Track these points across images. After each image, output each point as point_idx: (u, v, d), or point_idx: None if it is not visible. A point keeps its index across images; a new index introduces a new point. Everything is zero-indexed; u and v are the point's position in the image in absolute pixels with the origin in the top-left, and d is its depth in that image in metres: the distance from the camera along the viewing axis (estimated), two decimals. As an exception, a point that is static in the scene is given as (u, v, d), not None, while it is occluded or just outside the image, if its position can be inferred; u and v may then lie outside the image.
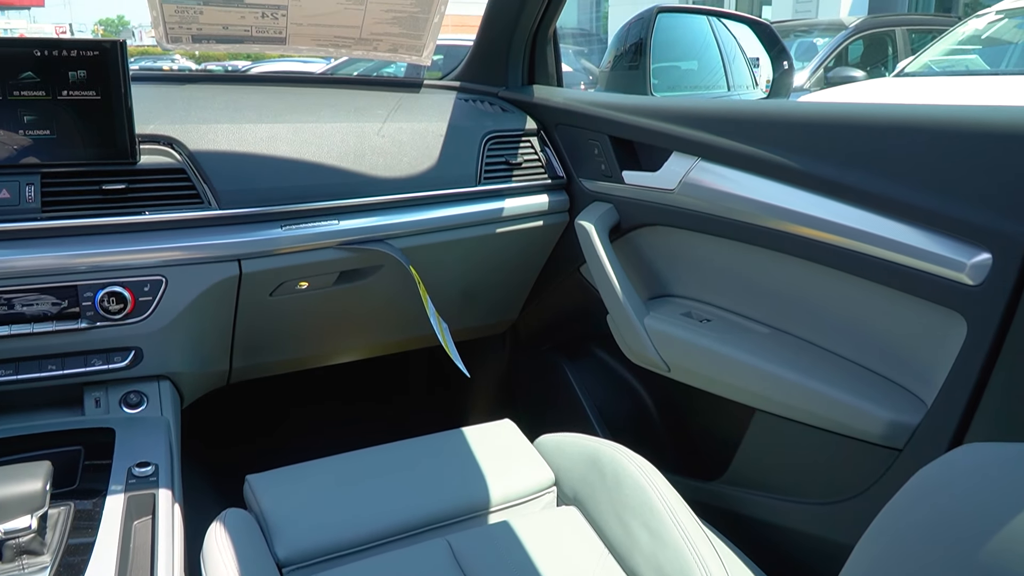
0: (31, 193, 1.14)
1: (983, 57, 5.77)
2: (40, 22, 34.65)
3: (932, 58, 5.99)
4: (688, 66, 1.99)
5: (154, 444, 1.18)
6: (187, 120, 1.28)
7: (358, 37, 1.61)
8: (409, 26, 1.60)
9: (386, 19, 1.58)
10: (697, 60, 1.94)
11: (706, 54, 1.94)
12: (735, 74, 1.93)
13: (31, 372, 1.18)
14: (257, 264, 1.27)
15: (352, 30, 1.59)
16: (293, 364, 1.58)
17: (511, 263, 1.62)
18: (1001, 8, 5.85)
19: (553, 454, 1.25)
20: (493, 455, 1.25)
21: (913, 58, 6.16)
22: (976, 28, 5.94)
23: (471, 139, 1.48)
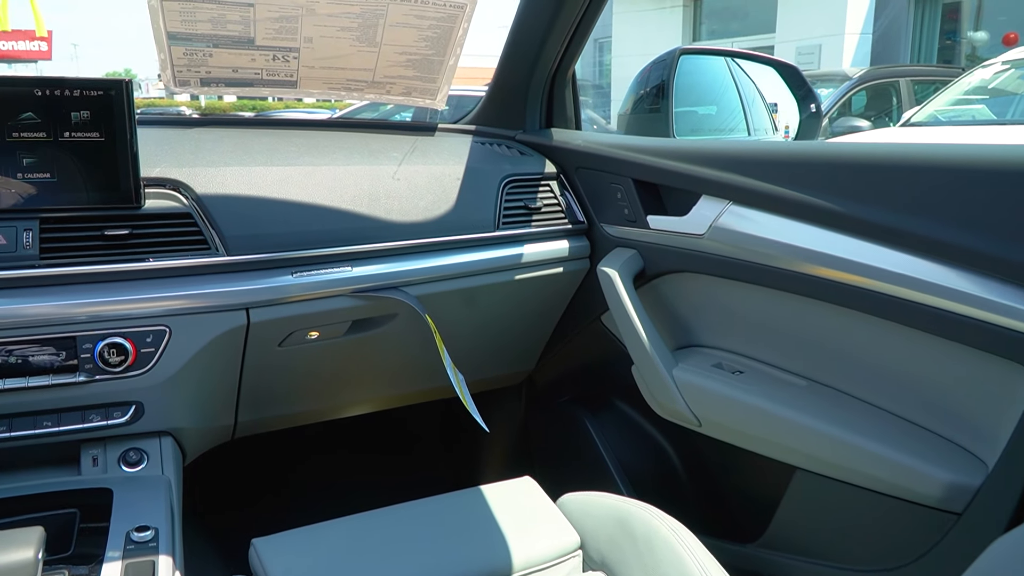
0: (29, 239, 1.08)
1: (990, 107, 5.78)
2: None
3: (938, 108, 6.01)
4: (706, 111, 1.95)
5: (154, 506, 1.10)
6: (195, 163, 1.23)
7: (371, 80, 1.58)
8: (423, 69, 1.57)
9: (400, 62, 1.55)
10: (716, 104, 1.90)
11: (725, 98, 1.89)
12: (755, 118, 1.88)
13: (25, 429, 1.11)
14: (266, 313, 1.20)
15: (365, 73, 1.55)
16: (301, 418, 1.50)
17: (529, 311, 1.55)
18: (1007, 59, 5.88)
19: (578, 515, 1.16)
20: (514, 515, 1.17)
21: (919, 108, 6.18)
22: (983, 79, 5.97)
23: (489, 183, 1.43)
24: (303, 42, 1.46)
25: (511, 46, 1.59)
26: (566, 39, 1.51)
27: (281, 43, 1.45)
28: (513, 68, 1.61)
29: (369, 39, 1.49)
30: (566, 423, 1.69)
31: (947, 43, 11.48)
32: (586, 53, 11.57)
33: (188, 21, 1.37)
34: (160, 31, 1.36)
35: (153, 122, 1.45)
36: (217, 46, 1.42)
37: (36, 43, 16.48)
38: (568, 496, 1.21)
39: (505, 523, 1.16)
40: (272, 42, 1.44)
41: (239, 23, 1.39)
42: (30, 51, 16.36)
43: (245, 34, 1.41)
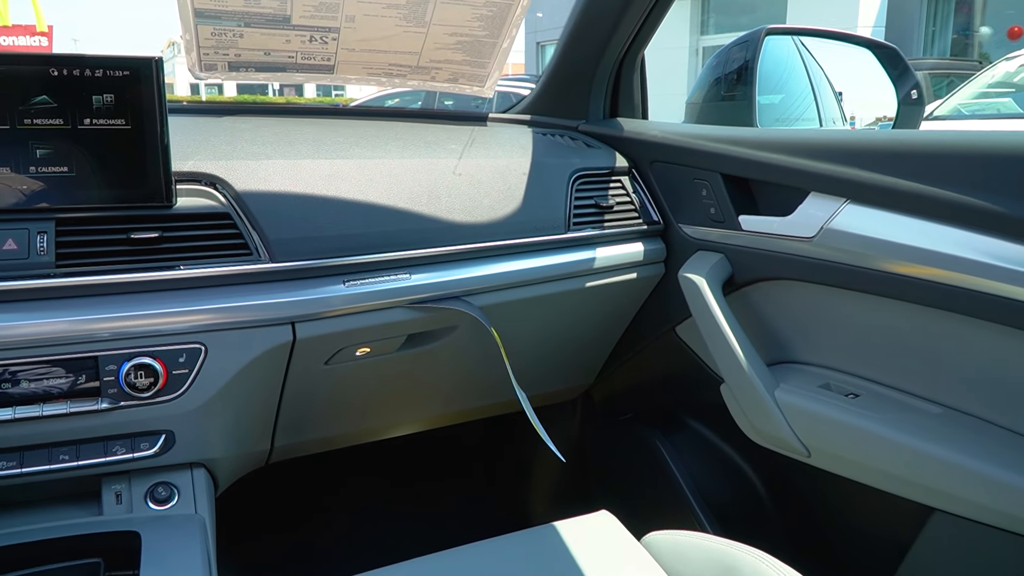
0: (43, 243, 0.93)
1: (1017, 101, 5.63)
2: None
3: (961, 102, 5.87)
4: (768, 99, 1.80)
5: (189, 555, 0.95)
6: (233, 155, 1.07)
7: (415, 65, 1.42)
8: (474, 52, 1.41)
9: (449, 44, 1.39)
10: (782, 92, 1.75)
11: (791, 84, 1.74)
12: (825, 107, 1.73)
13: (39, 464, 0.96)
14: (313, 328, 1.05)
15: (409, 57, 1.40)
16: (343, 440, 1.35)
17: (597, 321, 1.40)
18: (1034, 52, 5.74)
19: (670, 558, 1.01)
20: (596, 560, 1.02)
21: (942, 102, 6.04)
22: (1007, 72, 5.82)
23: (557, 178, 1.27)
24: (344, 21, 1.31)
25: (577, 28, 1.42)
26: (640, 19, 1.35)
27: (320, 22, 1.30)
28: (578, 52, 1.45)
29: (418, 18, 1.33)
30: (632, 444, 1.53)
31: (959, 37, 11.35)
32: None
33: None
34: (186, 8, 1.21)
35: (182, 110, 1.29)
36: (249, 25, 1.26)
37: (37, 38, 16.27)
38: (655, 536, 1.05)
39: (586, 565, 1.01)
40: (310, 21, 1.29)
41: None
42: (30, 46, 16.18)
43: (281, 11, 1.26)
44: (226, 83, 3.89)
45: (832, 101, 1.80)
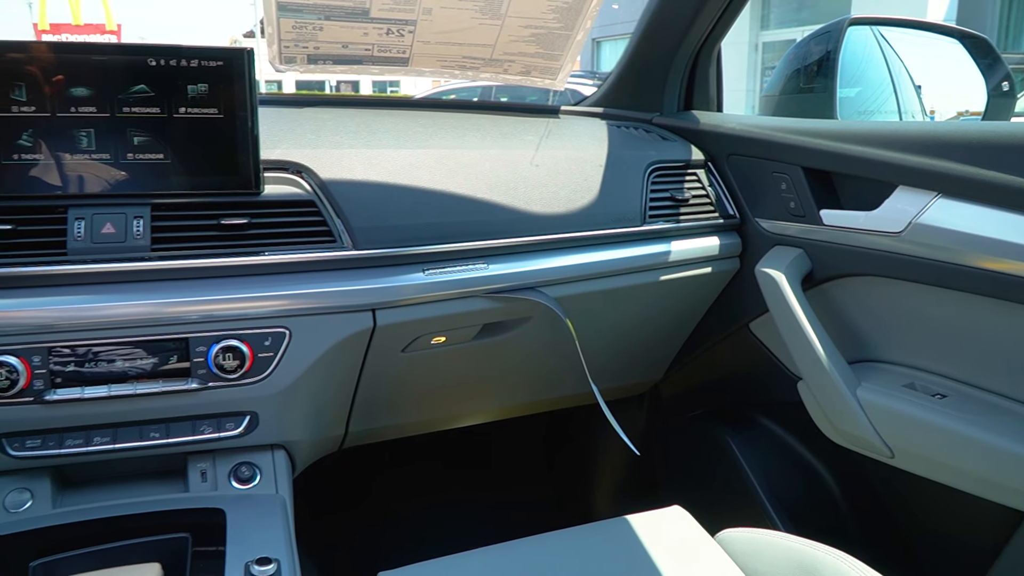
0: (139, 228, 0.96)
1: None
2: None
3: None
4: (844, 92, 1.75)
5: (272, 533, 0.97)
6: (317, 145, 1.09)
7: (488, 57, 1.43)
8: (547, 45, 1.41)
9: (523, 36, 1.39)
10: (860, 84, 1.70)
11: (869, 76, 1.69)
12: (905, 100, 1.68)
13: (131, 440, 0.99)
14: (392, 315, 1.06)
15: (483, 49, 1.40)
16: (414, 428, 1.37)
17: (669, 315, 1.38)
18: None
19: (745, 556, 1.00)
20: (669, 554, 1.01)
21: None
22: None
23: (633, 170, 1.26)
24: (421, 14, 1.32)
25: (654, 19, 1.41)
26: (719, 12, 1.33)
27: (398, 15, 1.31)
28: (654, 44, 1.44)
29: (493, 11, 1.34)
30: (701, 441, 1.52)
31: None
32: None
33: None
34: (271, 1, 1.24)
35: (267, 101, 1.32)
36: (329, 18, 1.28)
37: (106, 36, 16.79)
38: (730, 532, 1.04)
39: (660, 559, 1.01)
40: (388, 14, 1.30)
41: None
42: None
43: (360, 5, 1.27)
44: (284, 79, 3.93)
45: (912, 94, 1.75)
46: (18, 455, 0.96)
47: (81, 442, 0.98)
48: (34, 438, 0.96)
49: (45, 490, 0.99)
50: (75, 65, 0.93)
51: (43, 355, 0.93)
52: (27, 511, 0.98)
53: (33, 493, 0.99)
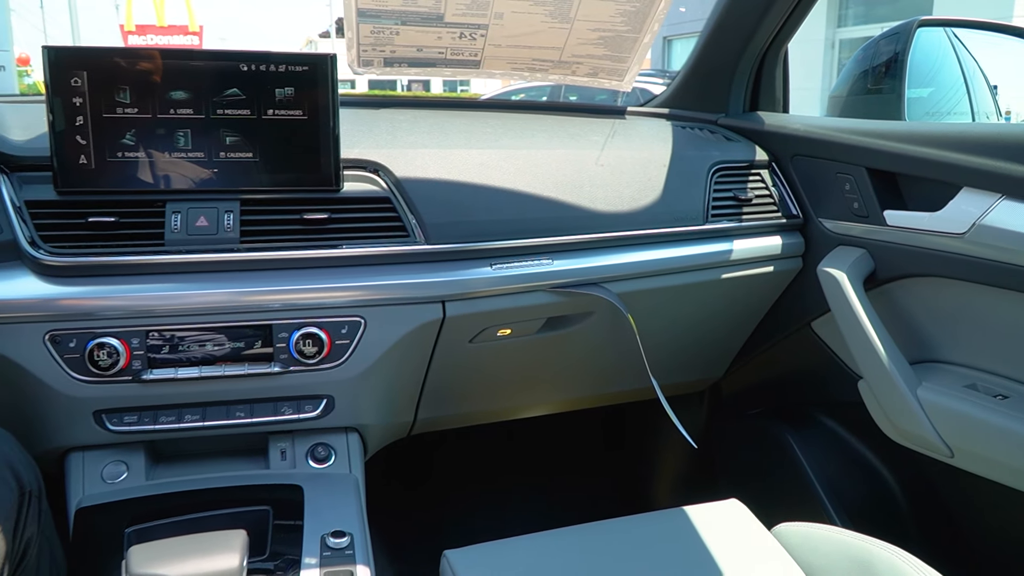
0: (229, 221, 1.03)
1: None
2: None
3: None
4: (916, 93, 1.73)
5: (346, 509, 1.04)
6: (393, 144, 1.16)
7: (557, 60, 1.47)
8: (614, 47, 1.44)
9: (591, 39, 1.43)
10: (932, 85, 1.68)
11: (942, 77, 1.67)
12: (979, 101, 1.66)
13: (219, 419, 1.07)
14: (461, 307, 1.12)
15: (552, 52, 1.44)
16: (480, 416, 1.42)
17: (730, 313, 1.41)
18: None
19: (801, 550, 1.02)
20: (725, 543, 1.04)
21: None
22: None
23: (697, 170, 1.29)
24: (493, 18, 1.37)
25: (721, 21, 1.43)
26: (787, 13, 1.34)
27: (470, 19, 1.36)
28: (720, 45, 1.46)
29: (562, 15, 1.38)
30: (761, 438, 1.53)
31: None
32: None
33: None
34: (351, 7, 1.30)
35: (345, 102, 1.39)
36: (405, 23, 1.34)
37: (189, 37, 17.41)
38: (787, 526, 1.06)
39: (716, 551, 1.03)
40: (461, 18, 1.36)
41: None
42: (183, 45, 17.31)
43: (435, 10, 1.33)
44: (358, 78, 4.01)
45: (987, 95, 1.72)
46: (116, 430, 1.04)
47: (173, 419, 1.06)
48: (131, 414, 1.05)
49: (139, 463, 1.08)
50: (175, 70, 1.01)
51: (141, 338, 1.01)
52: (123, 482, 1.06)
53: (128, 466, 1.07)
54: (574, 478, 1.91)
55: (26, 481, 0.85)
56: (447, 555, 1.02)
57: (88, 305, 0.98)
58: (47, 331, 0.98)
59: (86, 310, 0.98)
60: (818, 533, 1.02)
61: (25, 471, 0.86)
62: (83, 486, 1.05)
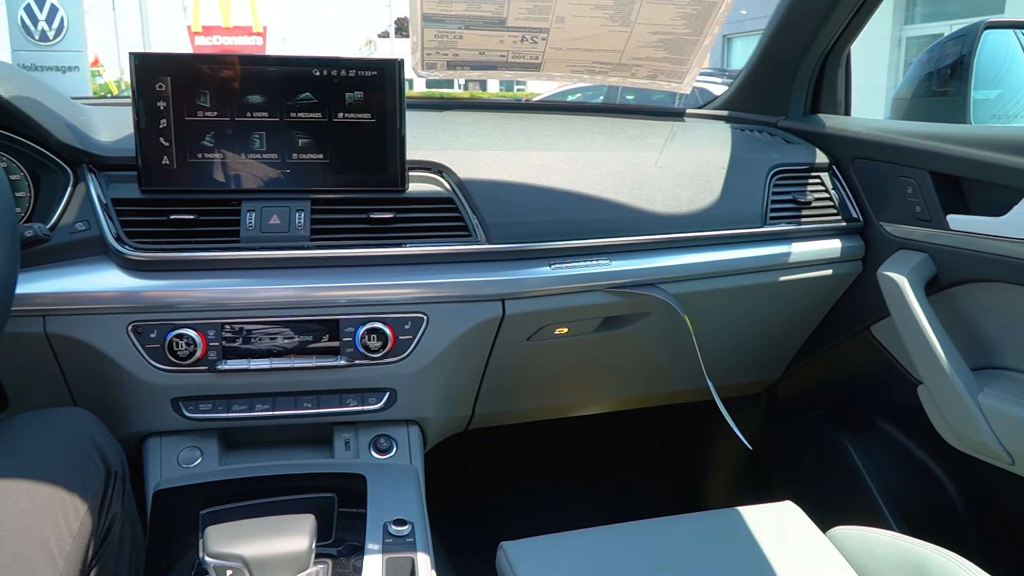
0: (300, 220, 1.08)
1: None
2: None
3: None
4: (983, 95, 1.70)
5: (407, 498, 1.08)
6: (456, 146, 1.19)
7: (617, 62, 1.49)
8: (674, 50, 1.46)
9: (651, 42, 1.44)
10: (999, 87, 1.65)
11: (1009, 80, 1.63)
12: (1049, 104, 1.62)
13: (287, 408, 1.12)
14: (520, 305, 1.15)
15: (612, 55, 1.46)
16: (536, 413, 1.45)
17: (788, 316, 1.41)
18: None
19: (855, 552, 1.02)
20: (779, 544, 1.05)
21: None
22: None
23: (755, 173, 1.29)
24: (554, 22, 1.40)
25: (783, 23, 1.43)
26: (851, 14, 1.34)
27: (532, 23, 1.39)
28: (782, 47, 1.45)
29: (623, 18, 1.40)
30: (818, 441, 1.52)
31: None
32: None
33: (444, 2, 1.33)
34: (416, 12, 1.34)
35: (410, 105, 1.44)
36: (468, 27, 1.38)
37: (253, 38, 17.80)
38: (841, 529, 1.06)
39: (770, 551, 1.04)
40: (523, 22, 1.38)
41: (493, 3, 1.34)
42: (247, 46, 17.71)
43: (498, 14, 1.36)
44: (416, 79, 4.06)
45: (1058, 97, 1.67)
46: (192, 416, 1.10)
47: (245, 408, 1.11)
48: (206, 402, 1.10)
49: (213, 449, 1.13)
50: (252, 75, 1.06)
51: (217, 330, 1.06)
52: (197, 467, 1.12)
53: (202, 451, 1.13)
54: (629, 476, 1.93)
55: (112, 463, 0.91)
56: (504, 546, 1.05)
57: (168, 298, 1.04)
58: (130, 322, 1.04)
59: (166, 302, 1.04)
60: (874, 537, 1.02)
61: (111, 453, 0.92)
62: (160, 469, 1.11)
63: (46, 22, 7.55)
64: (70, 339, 1.03)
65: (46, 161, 1.06)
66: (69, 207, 1.04)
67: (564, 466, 1.92)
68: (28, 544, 0.75)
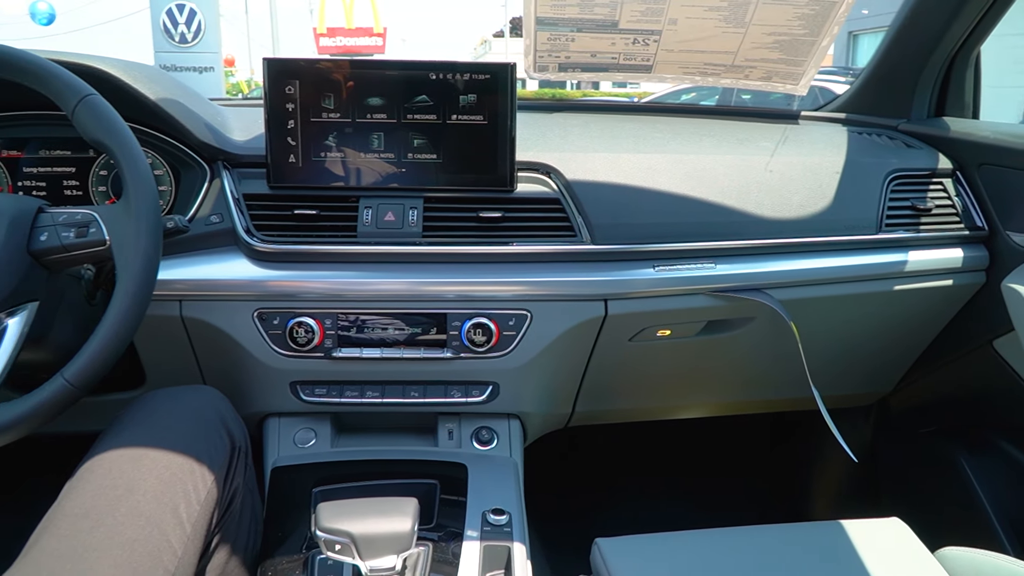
0: (414, 217, 1.13)
1: None
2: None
3: None
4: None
5: (506, 489, 1.11)
6: (564, 148, 1.21)
7: (730, 64, 1.47)
8: (790, 51, 1.43)
9: (766, 43, 1.42)
10: None
11: None
12: None
13: (395, 396, 1.17)
14: (623, 306, 1.16)
15: (725, 56, 1.45)
16: (636, 414, 1.46)
17: (902, 326, 1.36)
18: None
19: (965, 575, 0.98)
20: (884, 561, 1.01)
21: None
22: None
23: (872, 178, 1.26)
24: (667, 24, 1.40)
25: (908, 21, 1.38)
26: (982, 11, 1.28)
27: (644, 26, 1.40)
28: (906, 47, 1.40)
29: (738, 19, 1.38)
30: (930, 458, 1.46)
31: None
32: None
33: (558, 6, 1.35)
34: (530, 16, 1.37)
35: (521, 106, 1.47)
36: (580, 30, 1.39)
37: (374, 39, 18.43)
38: (952, 550, 1.02)
39: (873, 568, 1.01)
40: (635, 25, 1.39)
41: (606, 6, 1.35)
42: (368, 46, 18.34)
43: (610, 17, 1.37)
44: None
45: None
46: (309, 400, 1.17)
47: (357, 394, 1.17)
48: (321, 387, 1.17)
49: (326, 432, 1.20)
50: (373, 79, 1.12)
51: (333, 319, 1.13)
52: (311, 447, 1.19)
53: (316, 433, 1.20)
54: (730, 481, 1.90)
55: (237, 438, 0.98)
56: (598, 543, 1.06)
57: (291, 287, 1.11)
58: (256, 309, 1.11)
59: (289, 291, 1.11)
60: (986, 560, 0.98)
61: (236, 430, 0.99)
62: (278, 447, 1.18)
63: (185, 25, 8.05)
64: (203, 323, 1.11)
65: (186, 158, 1.15)
66: (205, 201, 1.13)
67: (664, 467, 1.91)
68: (161, 509, 0.82)
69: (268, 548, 1.00)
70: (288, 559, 0.98)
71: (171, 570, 0.79)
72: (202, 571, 0.89)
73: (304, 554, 0.98)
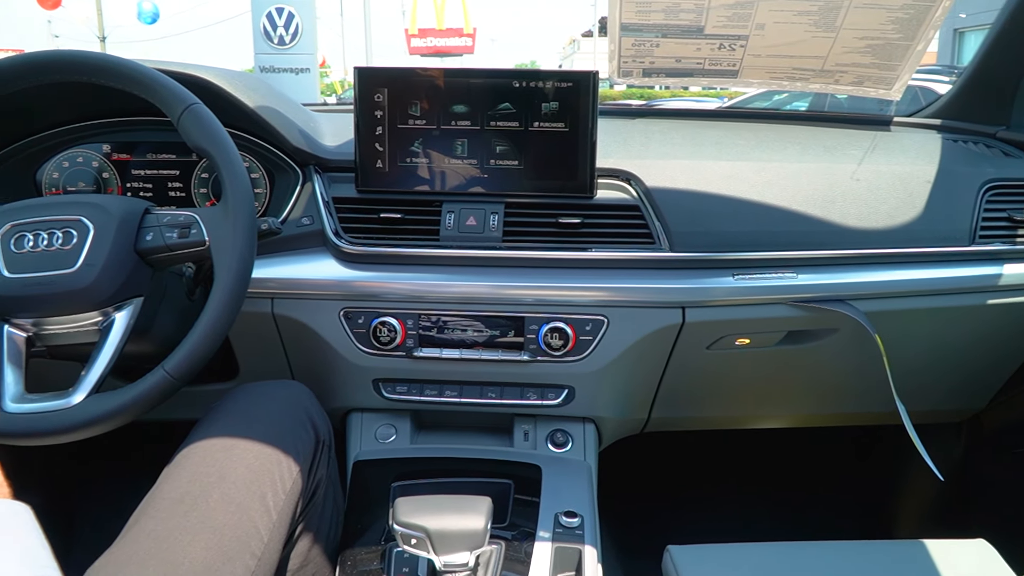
0: (495, 222, 1.16)
1: None
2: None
3: None
4: None
5: (579, 492, 1.12)
6: (645, 155, 1.22)
7: (819, 69, 1.44)
8: (883, 55, 1.39)
9: (858, 47, 1.39)
10: None
11: None
12: None
13: (473, 397, 1.20)
14: (701, 314, 1.16)
15: (815, 61, 1.42)
16: (713, 422, 1.44)
17: (995, 341, 1.30)
18: None
19: None
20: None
21: None
22: None
23: (966, 188, 1.21)
24: (754, 29, 1.38)
25: (1008, 23, 1.33)
26: None
27: (731, 31, 1.38)
28: (1007, 50, 1.35)
29: (828, 23, 1.35)
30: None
31: None
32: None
33: (643, 12, 1.36)
34: (615, 22, 1.38)
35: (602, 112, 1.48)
36: (665, 36, 1.39)
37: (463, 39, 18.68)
38: None
39: None
40: (721, 30, 1.38)
41: (692, 12, 1.35)
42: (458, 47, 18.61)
43: (696, 23, 1.37)
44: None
45: None
46: (390, 397, 1.21)
47: (436, 393, 1.21)
48: (402, 385, 1.21)
49: (406, 428, 1.24)
50: (458, 87, 1.15)
51: (415, 319, 1.16)
52: (392, 443, 1.23)
53: (396, 429, 1.24)
54: (809, 493, 1.86)
55: (321, 432, 1.03)
56: (671, 550, 1.07)
57: (375, 288, 1.15)
58: (342, 308, 1.16)
59: (373, 292, 1.15)
60: None
61: (321, 424, 1.03)
62: (360, 442, 1.23)
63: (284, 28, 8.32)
64: (292, 320, 1.17)
65: (280, 162, 1.20)
66: (297, 203, 1.18)
67: (741, 477, 1.89)
68: (249, 496, 0.87)
69: (348, 539, 1.04)
70: (367, 550, 1.01)
71: (257, 555, 0.84)
72: (286, 558, 0.94)
73: (382, 546, 1.01)
